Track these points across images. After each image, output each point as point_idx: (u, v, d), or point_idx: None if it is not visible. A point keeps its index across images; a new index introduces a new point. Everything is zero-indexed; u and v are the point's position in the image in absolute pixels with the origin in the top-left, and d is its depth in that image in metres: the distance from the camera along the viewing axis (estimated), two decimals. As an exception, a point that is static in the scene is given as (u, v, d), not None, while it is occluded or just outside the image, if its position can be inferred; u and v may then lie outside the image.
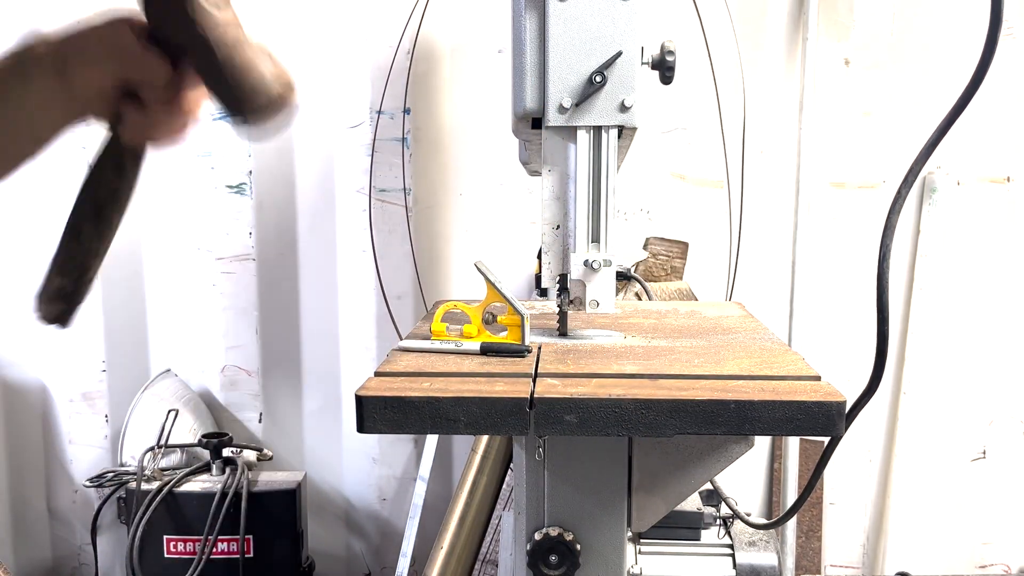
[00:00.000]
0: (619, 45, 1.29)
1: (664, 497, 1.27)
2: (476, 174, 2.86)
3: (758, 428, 1.06)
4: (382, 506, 3.02)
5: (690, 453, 1.24)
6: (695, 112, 2.77)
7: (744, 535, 1.52)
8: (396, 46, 2.74)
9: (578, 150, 1.33)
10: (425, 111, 2.84)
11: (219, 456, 2.62)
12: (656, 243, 2.68)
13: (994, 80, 1.21)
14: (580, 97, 1.30)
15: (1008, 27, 2.71)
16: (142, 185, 0.87)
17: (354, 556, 3.05)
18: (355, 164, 2.83)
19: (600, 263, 1.35)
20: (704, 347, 1.37)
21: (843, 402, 1.06)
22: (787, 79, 2.80)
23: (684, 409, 1.06)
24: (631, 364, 1.24)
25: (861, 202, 2.82)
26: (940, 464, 2.90)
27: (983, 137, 2.76)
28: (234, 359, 2.94)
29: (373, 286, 2.85)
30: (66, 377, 2.94)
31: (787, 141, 2.80)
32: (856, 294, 2.83)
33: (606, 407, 1.06)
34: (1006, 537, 2.93)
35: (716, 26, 2.69)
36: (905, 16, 2.75)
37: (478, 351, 1.31)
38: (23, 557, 3.01)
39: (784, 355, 1.30)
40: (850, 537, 2.96)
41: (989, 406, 2.89)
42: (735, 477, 2.87)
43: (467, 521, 2.49)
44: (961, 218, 2.82)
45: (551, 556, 1.24)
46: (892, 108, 2.78)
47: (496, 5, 2.73)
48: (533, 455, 1.25)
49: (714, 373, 1.19)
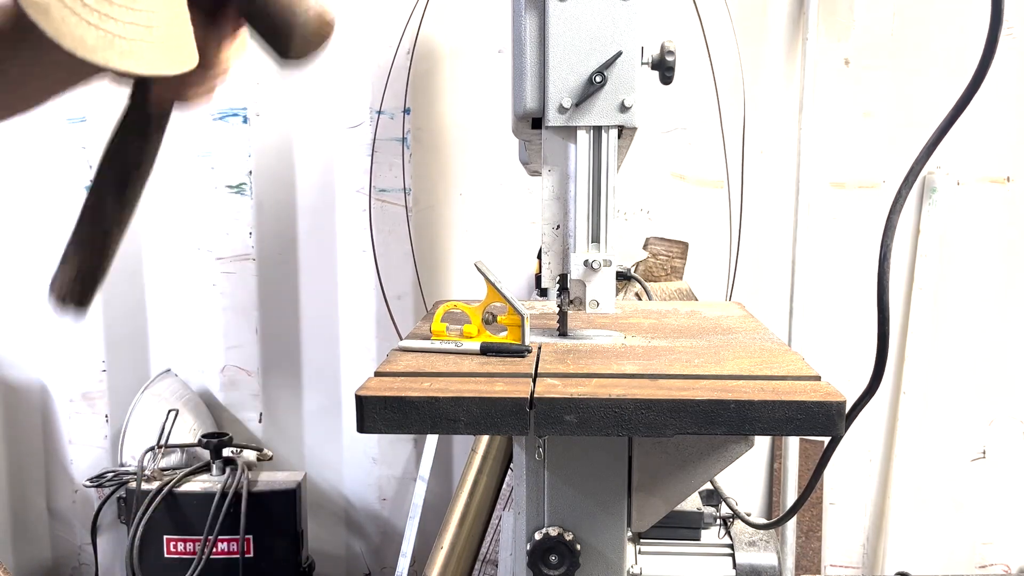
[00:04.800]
0: (619, 45, 1.29)
1: (664, 497, 1.27)
2: (476, 174, 2.86)
3: (758, 428, 1.06)
4: (382, 506, 3.02)
5: (690, 453, 1.24)
6: (695, 112, 2.77)
7: (744, 535, 1.52)
8: (396, 46, 2.74)
9: (578, 150, 1.33)
10: (425, 111, 2.84)
11: (219, 456, 2.62)
12: (656, 243, 2.68)
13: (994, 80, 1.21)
14: (580, 97, 1.30)
15: (1008, 27, 2.70)
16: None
17: (354, 556, 3.05)
18: (355, 164, 2.83)
19: (600, 263, 1.35)
20: (704, 347, 1.37)
21: (843, 402, 1.06)
22: (787, 79, 2.80)
23: (684, 409, 1.06)
24: (631, 364, 1.24)
25: (861, 202, 2.82)
26: (940, 464, 2.90)
27: (983, 137, 2.76)
28: (234, 359, 2.94)
29: (373, 286, 2.85)
30: (66, 377, 2.94)
31: (787, 141, 2.80)
32: (856, 294, 2.83)
33: (606, 407, 1.06)
34: (1006, 537, 2.93)
35: (716, 26, 2.69)
36: (905, 16, 2.75)
37: (478, 351, 1.31)
38: (23, 557, 3.01)
39: (784, 355, 1.30)
40: (850, 537, 2.96)
41: (989, 406, 2.89)
42: (735, 477, 2.87)
43: (467, 521, 2.49)
44: (961, 218, 2.82)
45: (551, 556, 1.24)
46: (892, 108, 2.78)
47: (496, 5, 2.73)
48: (533, 455, 1.25)
49: (714, 373, 1.19)
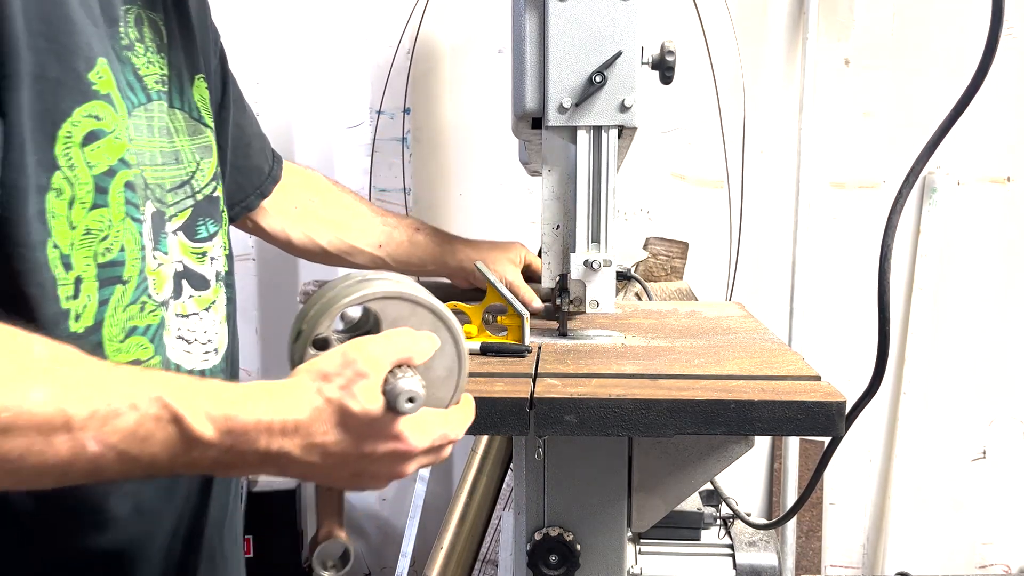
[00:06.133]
0: (619, 45, 1.29)
1: (664, 497, 1.27)
2: (476, 174, 2.86)
3: (758, 428, 1.06)
4: (382, 506, 3.02)
5: (690, 453, 1.24)
6: (695, 112, 2.77)
7: (744, 535, 1.51)
8: (396, 46, 2.74)
9: (578, 150, 1.33)
10: (425, 111, 2.84)
11: (219, 456, 2.61)
12: (656, 243, 2.68)
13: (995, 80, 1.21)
14: (580, 97, 1.30)
15: (1009, 27, 2.70)
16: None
17: (354, 556, 3.05)
18: (355, 164, 2.83)
19: (600, 263, 1.35)
20: (704, 347, 1.37)
21: (843, 402, 1.06)
22: (787, 79, 2.80)
23: (684, 409, 1.06)
24: (631, 364, 1.24)
25: (861, 202, 2.82)
26: (940, 464, 2.90)
27: (983, 137, 2.76)
28: (234, 359, 2.94)
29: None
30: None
31: (787, 141, 2.80)
32: (856, 294, 2.83)
33: (606, 407, 1.06)
34: (1006, 537, 2.93)
35: (716, 26, 2.69)
36: (905, 16, 2.75)
37: (478, 351, 1.31)
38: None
39: (784, 355, 1.30)
40: (850, 537, 2.96)
41: (989, 406, 2.88)
42: (735, 477, 2.87)
43: (467, 521, 2.49)
44: (961, 218, 2.82)
45: (551, 556, 1.24)
46: (892, 108, 2.78)
47: (496, 5, 2.73)
48: (533, 455, 1.25)
49: (714, 373, 1.19)
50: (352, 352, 0.76)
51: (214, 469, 0.73)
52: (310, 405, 0.74)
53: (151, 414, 0.68)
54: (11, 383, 0.65)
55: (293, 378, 0.76)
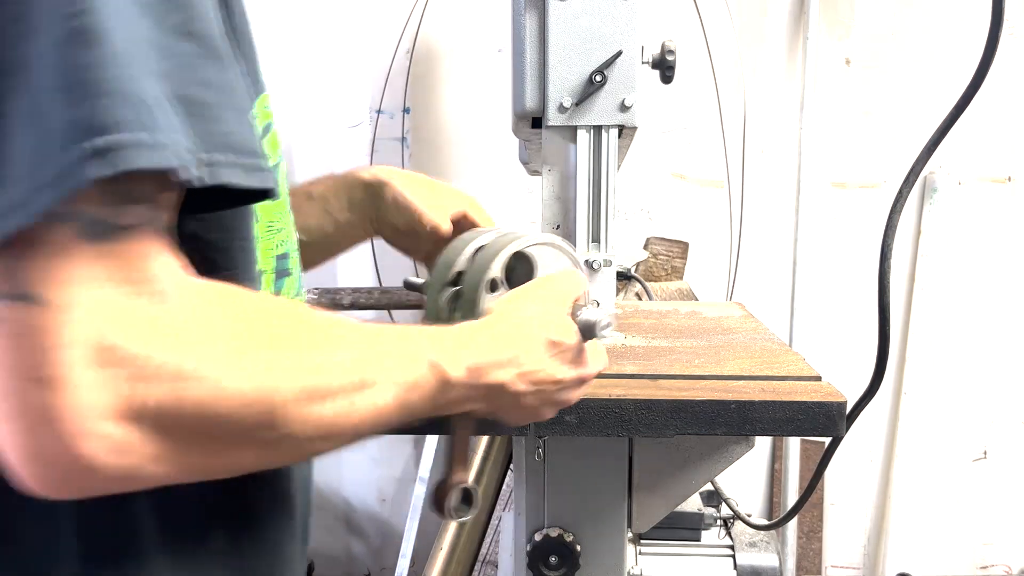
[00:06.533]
0: (619, 44, 1.29)
1: (665, 498, 1.27)
2: (476, 174, 2.85)
3: (759, 428, 1.05)
4: (382, 506, 3.02)
5: (690, 453, 1.24)
6: (695, 112, 2.77)
7: (745, 536, 1.51)
8: (396, 46, 2.74)
9: (578, 150, 1.33)
10: (425, 111, 2.84)
11: (219, 456, 2.61)
12: (656, 243, 2.67)
13: (995, 80, 1.21)
14: (580, 97, 1.29)
15: (1009, 27, 2.70)
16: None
17: (354, 556, 3.05)
18: (355, 164, 2.82)
19: (600, 263, 1.35)
20: (704, 347, 1.36)
21: (844, 402, 1.05)
22: (788, 78, 2.79)
23: (684, 409, 1.06)
24: (631, 364, 1.24)
25: (862, 202, 2.82)
26: (941, 464, 2.90)
27: (984, 137, 2.75)
28: (234, 359, 2.94)
29: (373, 286, 2.85)
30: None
31: (787, 141, 2.80)
32: (857, 294, 2.82)
33: (606, 407, 1.06)
34: (1007, 538, 2.93)
35: (716, 25, 2.69)
36: (906, 16, 2.75)
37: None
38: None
39: (785, 355, 1.30)
40: (851, 538, 2.96)
41: (990, 406, 2.88)
42: (736, 477, 2.86)
43: (467, 521, 2.49)
44: (962, 218, 2.82)
45: (551, 557, 1.24)
46: (893, 108, 2.77)
47: (496, 5, 2.73)
48: (533, 455, 1.25)
49: (714, 373, 1.18)
50: (546, 290, 0.86)
51: (451, 407, 0.77)
52: (525, 338, 0.81)
53: (425, 364, 0.73)
54: (317, 348, 0.66)
55: (500, 315, 0.83)
